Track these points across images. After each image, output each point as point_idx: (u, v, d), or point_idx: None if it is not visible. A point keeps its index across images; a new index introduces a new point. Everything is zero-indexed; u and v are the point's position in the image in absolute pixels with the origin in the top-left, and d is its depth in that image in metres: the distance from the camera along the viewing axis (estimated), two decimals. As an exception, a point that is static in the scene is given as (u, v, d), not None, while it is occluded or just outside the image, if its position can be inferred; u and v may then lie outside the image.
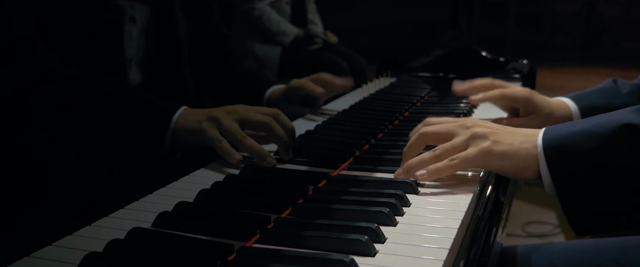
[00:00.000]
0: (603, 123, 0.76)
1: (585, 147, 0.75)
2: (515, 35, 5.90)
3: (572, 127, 0.79)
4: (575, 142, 0.76)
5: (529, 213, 2.67)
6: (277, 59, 3.07)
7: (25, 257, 0.61)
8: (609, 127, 0.75)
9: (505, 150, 0.79)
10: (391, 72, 1.79)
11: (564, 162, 0.75)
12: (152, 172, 0.95)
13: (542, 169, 0.77)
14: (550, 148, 0.77)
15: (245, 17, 3.10)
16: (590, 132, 0.76)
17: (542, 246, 1.07)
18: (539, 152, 0.77)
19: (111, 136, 0.96)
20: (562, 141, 0.77)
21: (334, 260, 0.58)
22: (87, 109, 0.95)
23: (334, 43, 3.30)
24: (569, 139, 0.76)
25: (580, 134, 0.76)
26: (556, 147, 0.76)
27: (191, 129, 0.93)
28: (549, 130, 0.79)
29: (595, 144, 0.74)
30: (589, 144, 0.75)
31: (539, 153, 0.77)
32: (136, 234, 0.65)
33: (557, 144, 0.77)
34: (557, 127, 0.80)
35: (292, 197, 0.76)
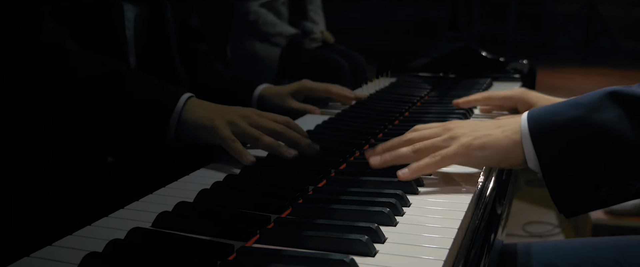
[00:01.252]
0: (588, 94, 0.77)
1: (569, 115, 0.75)
2: (515, 35, 5.90)
3: (555, 103, 0.79)
4: (557, 112, 0.76)
5: (529, 213, 2.67)
6: (277, 59, 3.07)
7: (25, 257, 0.61)
8: (593, 96, 0.75)
9: (484, 141, 0.80)
10: (391, 72, 1.79)
11: (548, 133, 0.75)
12: (152, 172, 0.94)
13: (526, 148, 0.77)
14: (534, 123, 0.77)
15: (242, 20, 3.10)
16: (574, 102, 0.76)
17: (542, 243, 1.07)
18: (523, 130, 0.77)
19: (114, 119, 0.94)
20: (545, 113, 0.77)
21: (334, 260, 0.58)
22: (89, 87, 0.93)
23: (331, 42, 3.30)
24: (553, 110, 0.77)
25: (563, 105, 0.77)
26: (540, 121, 0.77)
27: (202, 124, 0.92)
28: (533, 110, 0.80)
29: (579, 112, 0.74)
30: (573, 113, 0.75)
31: (522, 132, 0.77)
32: (136, 234, 0.65)
33: (541, 117, 0.77)
34: (540, 107, 0.81)
35: (292, 197, 0.76)
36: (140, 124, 0.94)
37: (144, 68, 1.11)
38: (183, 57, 1.23)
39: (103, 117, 0.94)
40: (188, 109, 0.93)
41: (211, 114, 0.93)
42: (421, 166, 0.81)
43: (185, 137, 0.94)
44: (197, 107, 0.94)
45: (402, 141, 0.87)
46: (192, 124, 0.93)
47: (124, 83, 0.95)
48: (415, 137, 0.86)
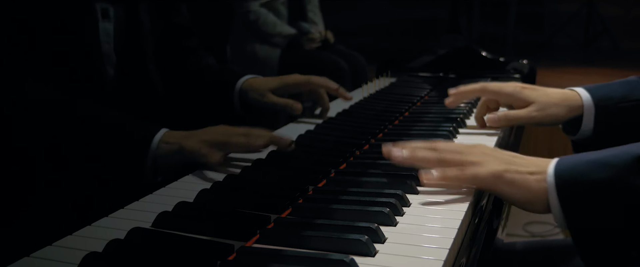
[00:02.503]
0: (617, 153, 0.73)
1: (598, 177, 0.71)
2: (515, 35, 5.90)
3: (584, 157, 0.75)
4: (587, 172, 0.72)
5: (529, 213, 2.67)
6: (277, 60, 3.07)
7: (25, 257, 0.61)
8: (624, 158, 0.72)
9: (515, 179, 0.76)
10: (391, 72, 1.79)
11: (576, 192, 0.72)
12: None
13: (552, 201, 0.74)
14: (561, 179, 0.73)
15: (242, 20, 3.10)
16: (603, 162, 0.72)
17: (541, 242, 1.07)
18: (550, 183, 0.74)
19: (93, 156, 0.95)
20: (574, 170, 0.74)
21: (334, 260, 0.58)
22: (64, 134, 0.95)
23: (331, 42, 3.30)
24: (581, 169, 0.73)
25: (593, 164, 0.73)
26: (568, 177, 0.73)
27: (171, 151, 0.92)
28: (561, 161, 0.76)
29: (607, 174, 0.71)
30: (602, 175, 0.71)
31: (549, 184, 0.74)
32: (136, 234, 0.65)
33: (569, 174, 0.74)
34: (569, 157, 0.77)
35: (292, 197, 0.76)
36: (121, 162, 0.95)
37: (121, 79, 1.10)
38: (168, 55, 1.22)
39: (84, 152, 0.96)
40: (162, 144, 0.93)
41: (178, 139, 0.93)
42: (450, 176, 0.78)
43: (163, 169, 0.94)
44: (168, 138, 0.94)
45: (426, 145, 0.85)
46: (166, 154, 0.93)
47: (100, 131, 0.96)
48: (443, 147, 0.84)
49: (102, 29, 1.05)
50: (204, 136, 0.93)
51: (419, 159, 0.82)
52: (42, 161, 0.96)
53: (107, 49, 1.06)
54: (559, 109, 1.07)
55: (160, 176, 0.95)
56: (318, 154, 0.98)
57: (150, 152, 0.92)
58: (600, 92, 1.08)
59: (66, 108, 0.96)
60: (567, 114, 1.08)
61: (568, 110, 1.08)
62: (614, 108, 1.05)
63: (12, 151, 0.95)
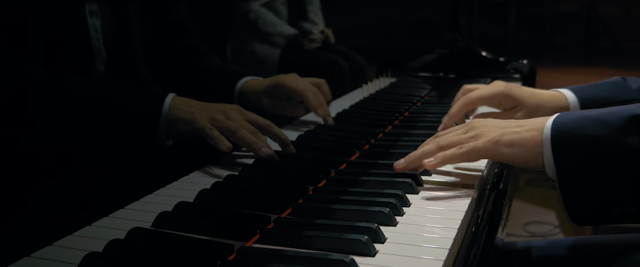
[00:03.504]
0: (614, 112, 0.75)
1: (593, 134, 0.74)
2: (515, 35, 5.90)
3: (582, 113, 0.78)
4: (583, 127, 0.75)
5: (529, 213, 2.67)
6: (277, 60, 3.07)
7: (25, 257, 0.61)
8: (620, 116, 0.74)
9: (513, 139, 0.79)
10: (391, 72, 1.79)
11: (569, 146, 0.75)
12: (151, 172, 0.94)
13: (545, 153, 0.76)
14: (557, 132, 0.76)
15: (242, 19, 3.10)
16: (600, 119, 0.75)
17: (542, 241, 1.07)
18: (546, 136, 0.76)
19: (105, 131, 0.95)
20: (570, 125, 0.76)
21: (334, 260, 0.58)
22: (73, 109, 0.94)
23: (332, 42, 3.30)
24: (578, 124, 0.76)
25: (590, 120, 0.75)
26: (563, 131, 0.76)
27: (182, 118, 0.93)
28: (559, 116, 0.79)
29: (603, 131, 0.73)
30: (597, 131, 0.74)
31: (544, 137, 0.77)
32: (136, 234, 0.65)
33: (565, 128, 0.76)
34: (567, 113, 0.80)
35: (292, 197, 0.76)
36: (134, 130, 0.96)
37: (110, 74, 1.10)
38: (164, 53, 1.22)
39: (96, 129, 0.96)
40: (173, 106, 0.95)
41: (192, 108, 0.95)
42: (448, 155, 0.80)
43: (173, 134, 0.96)
44: (180, 103, 0.96)
45: (426, 141, 0.87)
46: (175, 119, 0.94)
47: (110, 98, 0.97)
48: (441, 135, 0.87)
49: (91, 25, 1.05)
50: (216, 115, 0.94)
51: (419, 156, 0.84)
52: (44, 152, 0.96)
53: (96, 45, 1.06)
54: (547, 111, 1.07)
55: (171, 140, 0.96)
56: (318, 154, 0.98)
57: (162, 116, 0.93)
58: (585, 94, 1.09)
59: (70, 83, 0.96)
60: None
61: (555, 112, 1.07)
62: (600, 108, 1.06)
63: (12, 149, 0.95)
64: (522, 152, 0.79)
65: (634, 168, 0.72)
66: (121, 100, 0.97)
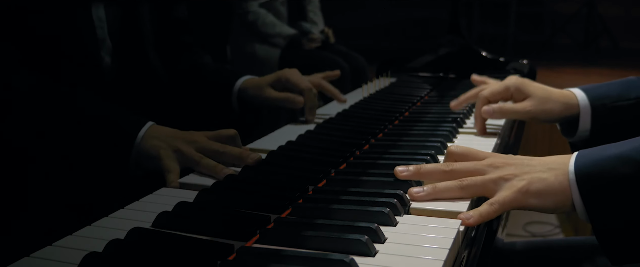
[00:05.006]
0: (638, 147, 0.73)
1: (620, 173, 0.71)
2: (515, 35, 5.90)
3: (605, 151, 0.75)
4: (609, 168, 0.72)
5: (529, 213, 2.67)
6: (277, 60, 3.07)
7: (25, 257, 0.61)
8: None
9: (540, 188, 0.75)
10: (391, 72, 1.79)
11: (598, 188, 0.72)
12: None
13: (574, 197, 0.73)
14: (582, 175, 0.73)
15: (241, 20, 3.10)
16: (625, 157, 0.72)
17: (541, 241, 1.07)
18: (571, 179, 0.73)
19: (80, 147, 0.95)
20: (595, 166, 0.73)
21: (334, 260, 0.58)
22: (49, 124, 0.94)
23: (332, 41, 3.30)
24: (602, 165, 0.73)
25: (615, 159, 0.72)
26: (589, 173, 0.73)
27: (149, 154, 0.92)
28: (581, 156, 0.75)
29: (631, 170, 0.71)
30: (624, 170, 0.71)
31: (570, 180, 0.74)
32: (136, 234, 0.65)
33: (590, 170, 0.73)
34: (588, 152, 0.76)
35: (292, 197, 0.76)
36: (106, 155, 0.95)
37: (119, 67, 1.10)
38: (165, 50, 1.22)
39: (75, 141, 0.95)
40: (145, 138, 0.93)
41: (160, 142, 0.93)
42: (483, 215, 0.73)
43: (141, 167, 0.94)
44: (152, 136, 0.94)
45: (442, 170, 0.81)
46: (144, 153, 0.92)
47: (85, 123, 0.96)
48: (458, 169, 0.80)
49: (95, 15, 1.05)
50: (183, 147, 0.92)
51: (441, 191, 0.78)
52: (37, 157, 0.96)
53: (101, 34, 1.06)
54: (555, 105, 1.08)
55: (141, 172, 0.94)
56: (318, 154, 0.98)
57: (134, 146, 0.92)
58: (596, 92, 1.08)
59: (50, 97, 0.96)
60: (563, 111, 1.09)
61: (564, 107, 1.08)
62: (611, 107, 1.06)
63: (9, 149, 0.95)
64: (550, 200, 0.75)
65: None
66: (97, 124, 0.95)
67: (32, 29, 0.98)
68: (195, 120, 1.00)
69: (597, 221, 0.72)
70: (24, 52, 0.98)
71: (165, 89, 1.20)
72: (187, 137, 0.95)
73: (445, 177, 0.80)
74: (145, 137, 0.93)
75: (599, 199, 0.72)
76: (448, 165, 0.81)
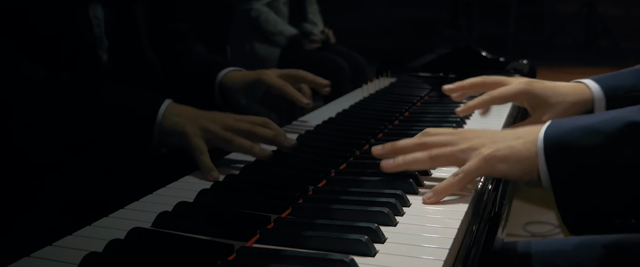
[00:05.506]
0: (607, 120, 0.73)
1: (587, 144, 0.72)
2: (515, 35, 5.90)
3: (575, 122, 0.76)
4: (576, 139, 0.73)
5: (529, 213, 2.67)
6: (276, 59, 3.07)
7: (25, 257, 0.61)
8: (613, 124, 0.72)
9: (506, 154, 0.76)
10: (391, 72, 1.79)
11: (563, 158, 0.73)
12: (151, 172, 0.94)
13: (540, 165, 0.74)
14: (550, 144, 0.74)
15: (243, 17, 3.10)
16: (593, 129, 0.73)
17: (541, 241, 1.07)
18: (539, 148, 0.74)
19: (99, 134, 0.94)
20: (563, 136, 0.74)
21: (334, 260, 0.58)
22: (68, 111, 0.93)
23: (332, 42, 3.31)
24: (571, 135, 0.74)
25: (583, 130, 0.73)
26: (556, 142, 0.74)
27: (175, 131, 0.91)
28: (551, 126, 0.76)
29: (597, 141, 0.71)
30: (591, 141, 0.72)
31: (538, 149, 0.74)
32: (136, 234, 0.65)
33: (558, 139, 0.74)
34: (560, 122, 0.77)
35: (292, 197, 0.76)
36: (126, 136, 0.94)
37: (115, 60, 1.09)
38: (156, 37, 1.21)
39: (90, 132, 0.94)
40: (166, 115, 0.93)
41: (185, 120, 0.92)
42: (446, 187, 0.76)
43: (165, 144, 0.94)
44: (173, 113, 0.93)
45: (415, 143, 0.84)
46: (168, 131, 0.92)
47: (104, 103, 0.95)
48: (430, 141, 0.83)
49: (92, 13, 1.04)
50: (210, 126, 0.91)
51: (409, 162, 0.81)
52: (43, 153, 0.96)
53: (98, 32, 1.06)
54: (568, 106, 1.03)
55: (164, 149, 0.94)
56: (318, 154, 0.98)
57: (155, 124, 0.91)
58: (609, 82, 1.04)
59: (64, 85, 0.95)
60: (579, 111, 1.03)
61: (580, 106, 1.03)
62: (625, 97, 1.02)
63: (12, 148, 0.95)
64: (517, 166, 0.76)
65: (630, 178, 0.70)
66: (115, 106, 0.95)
67: (30, 27, 0.98)
68: None
69: (559, 190, 0.72)
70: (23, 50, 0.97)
71: (162, 83, 1.19)
72: (213, 116, 0.94)
73: (418, 150, 0.82)
74: (167, 115, 0.92)
75: (563, 169, 0.73)
76: (420, 138, 0.84)
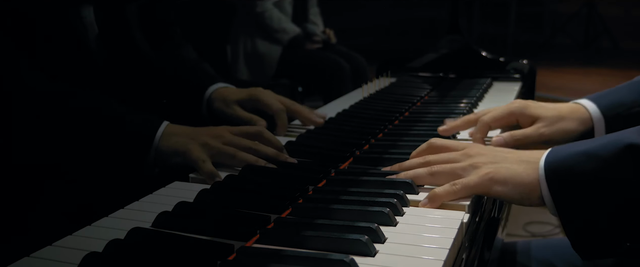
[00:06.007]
0: (606, 144, 0.73)
1: (586, 169, 0.71)
2: (515, 35, 5.90)
3: (574, 147, 0.75)
4: (575, 164, 0.72)
5: (529, 213, 2.67)
6: (277, 57, 3.07)
7: (25, 257, 0.61)
8: (611, 148, 0.71)
9: (506, 176, 0.76)
10: (391, 72, 1.79)
11: (565, 184, 0.73)
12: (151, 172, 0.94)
13: (544, 192, 0.74)
14: (551, 171, 0.74)
15: (247, 12, 3.10)
16: (591, 153, 0.72)
17: (541, 241, 1.07)
18: (541, 175, 0.74)
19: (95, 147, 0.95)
20: (563, 162, 0.74)
21: (334, 260, 0.58)
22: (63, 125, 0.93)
23: (333, 42, 3.31)
24: (570, 161, 0.73)
25: (582, 155, 0.73)
26: (557, 169, 0.73)
27: (175, 150, 0.92)
28: (552, 153, 0.76)
29: (596, 165, 0.71)
30: (590, 166, 0.71)
31: (540, 175, 0.74)
32: (136, 234, 0.65)
33: (558, 166, 0.74)
34: (560, 148, 0.77)
35: (292, 197, 0.76)
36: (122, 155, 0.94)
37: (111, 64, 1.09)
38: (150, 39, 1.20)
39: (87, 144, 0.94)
40: (164, 136, 0.93)
41: (184, 138, 0.92)
42: (441, 194, 0.76)
43: (163, 164, 0.94)
44: (171, 134, 0.94)
45: (419, 163, 0.84)
46: (166, 151, 0.92)
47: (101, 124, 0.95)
48: (433, 160, 0.83)
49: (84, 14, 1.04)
50: (211, 142, 0.92)
51: (410, 177, 0.81)
52: (43, 158, 0.96)
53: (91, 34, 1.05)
54: (569, 123, 1.02)
55: (157, 169, 0.94)
56: (318, 154, 0.98)
57: (152, 146, 0.92)
58: (606, 101, 1.03)
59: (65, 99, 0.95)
60: (578, 127, 1.02)
61: (579, 123, 1.02)
62: (627, 115, 1.01)
63: (12, 149, 0.95)
64: (515, 190, 0.75)
65: (633, 201, 0.69)
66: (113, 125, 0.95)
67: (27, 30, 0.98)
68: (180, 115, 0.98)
69: (565, 216, 0.72)
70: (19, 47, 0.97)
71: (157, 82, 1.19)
72: (211, 132, 0.94)
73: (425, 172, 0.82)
74: (164, 136, 0.93)
75: (566, 195, 0.72)
76: (425, 158, 0.84)
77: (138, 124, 0.95)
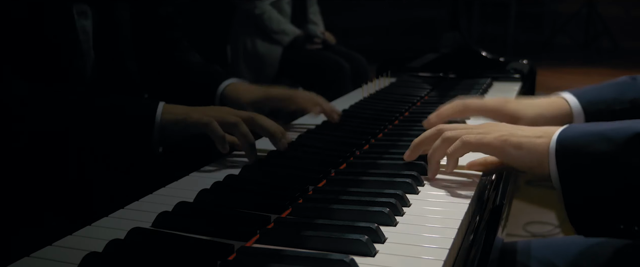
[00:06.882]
0: (619, 128, 0.74)
1: (596, 150, 0.73)
2: (515, 35, 5.90)
3: (589, 128, 0.77)
4: (587, 143, 0.74)
5: (529, 213, 2.67)
6: (278, 58, 3.07)
7: (25, 257, 0.61)
8: (624, 133, 0.73)
9: (522, 141, 0.79)
10: (391, 72, 1.79)
11: (572, 161, 0.75)
12: (151, 173, 0.94)
13: (551, 165, 0.76)
14: (562, 146, 0.76)
15: (247, 14, 3.10)
16: (604, 136, 0.74)
17: (542, 241, 1.07)
18: (551, 148, 0.77)
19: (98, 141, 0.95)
20: (575, 140, 0.76)
21: (334, 260, 0.58)
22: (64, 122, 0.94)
23: (332, 43, 3.31)
24: (582, 140, 0.75)
25: (594, 136, 0.75)
26: (568, 145, 0.76)
27: (176, 120, 0.94)
28: (568, 128, 0.79)
29: (607, 148, 0.73)
30: (601, 147, 0.73)
31: (551, 148, 0.77)
32: (136, 234, 0.65)
33: (570, 142, 0.76)
34: (575, 126, 0.79)
35: (292, 197, 0.76)
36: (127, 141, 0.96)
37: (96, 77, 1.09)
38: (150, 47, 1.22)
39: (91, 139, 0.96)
40: (164, 114, 0.95)
41: (185, 109, 0.96)
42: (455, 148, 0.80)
43: (164, 140, 0.96)
44: (170, 109, 0.96)
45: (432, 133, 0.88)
46: (168, 123, 0.94)
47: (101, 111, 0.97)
48: (447, 127, 0.87)
49: (80, 28, 1.04)
50: (210, 112, 0.96)
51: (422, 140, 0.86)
52: (43, 157, 0.96)
53: (85, 47, 1.06)
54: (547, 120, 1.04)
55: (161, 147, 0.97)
56: (318, 154, 0.98)
57: (155, 125, 0.94)
58: (588, 96, 1.06)
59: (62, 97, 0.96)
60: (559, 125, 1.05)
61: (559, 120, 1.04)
62: (607, 111, 1.04)
63: (12, 149, 0.95)
64: (528, 156, 0.78)
65: (635, 186, 0.71)
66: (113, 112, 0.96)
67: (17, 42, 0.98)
68: None
69: (568, 192, 0.74)
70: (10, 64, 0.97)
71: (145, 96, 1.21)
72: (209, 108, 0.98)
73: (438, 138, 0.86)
74: (164, 113, 0.95)
75: (573, 172, 0.75)
76: (437, 127, 0.88)
77: (138, 107, 0.97)
